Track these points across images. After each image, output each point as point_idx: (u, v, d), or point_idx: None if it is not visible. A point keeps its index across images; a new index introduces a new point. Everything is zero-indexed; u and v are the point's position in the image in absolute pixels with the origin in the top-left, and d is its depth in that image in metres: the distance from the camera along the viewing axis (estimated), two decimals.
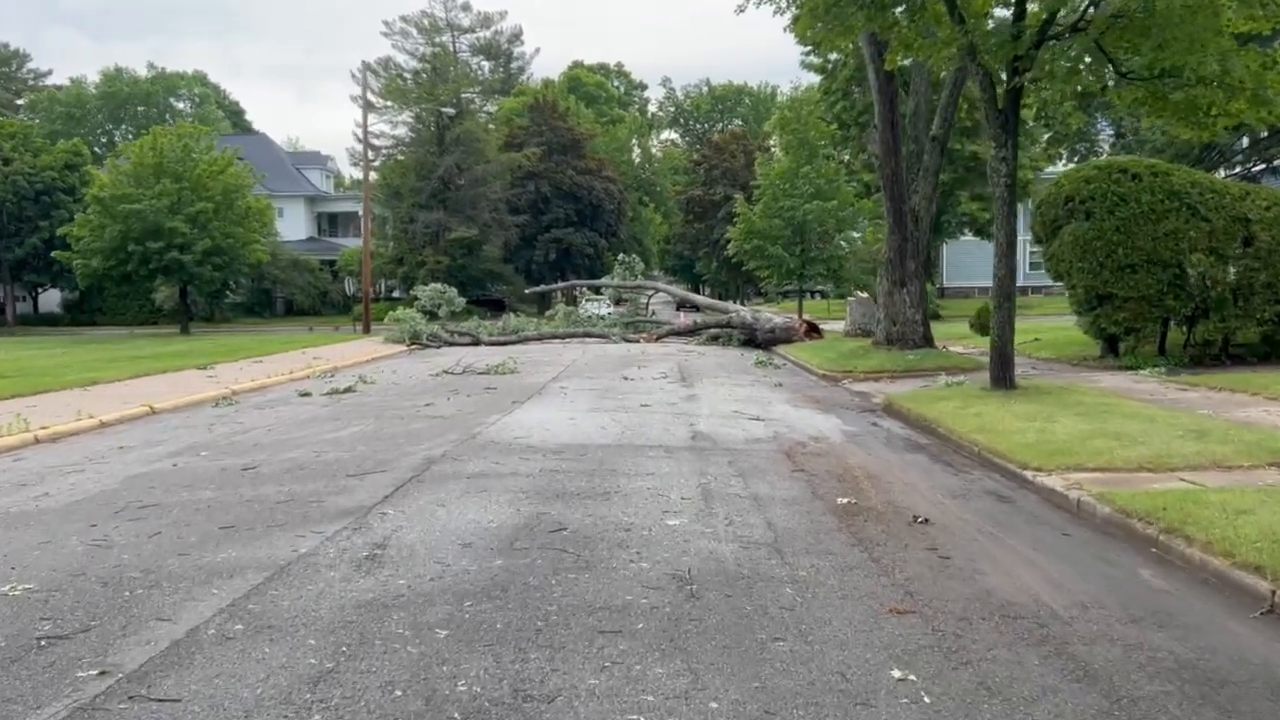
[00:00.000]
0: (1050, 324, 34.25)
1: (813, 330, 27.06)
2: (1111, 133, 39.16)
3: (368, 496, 7.93)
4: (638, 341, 31.15)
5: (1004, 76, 13.11)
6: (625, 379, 18.50)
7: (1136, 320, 17.42)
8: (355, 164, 61.47)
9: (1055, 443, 9.41)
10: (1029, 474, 8.48)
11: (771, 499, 7.80)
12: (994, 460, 9.36)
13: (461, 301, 35.81)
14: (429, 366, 22.58)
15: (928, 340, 20.84)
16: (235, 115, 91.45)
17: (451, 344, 31.89)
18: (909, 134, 20.96)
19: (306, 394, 17.11)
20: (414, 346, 31.00)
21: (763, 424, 12.36)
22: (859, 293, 26.78)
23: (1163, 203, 17.00)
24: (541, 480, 8.52)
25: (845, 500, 7.74)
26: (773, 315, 28.46)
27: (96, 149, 66.94)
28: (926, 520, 7.09)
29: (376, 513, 7.32)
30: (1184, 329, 18.13)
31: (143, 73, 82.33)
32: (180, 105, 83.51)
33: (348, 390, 17.53)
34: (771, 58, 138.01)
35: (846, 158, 35.11)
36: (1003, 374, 13.29)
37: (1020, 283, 60.18)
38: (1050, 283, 60.34)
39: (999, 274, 13.23)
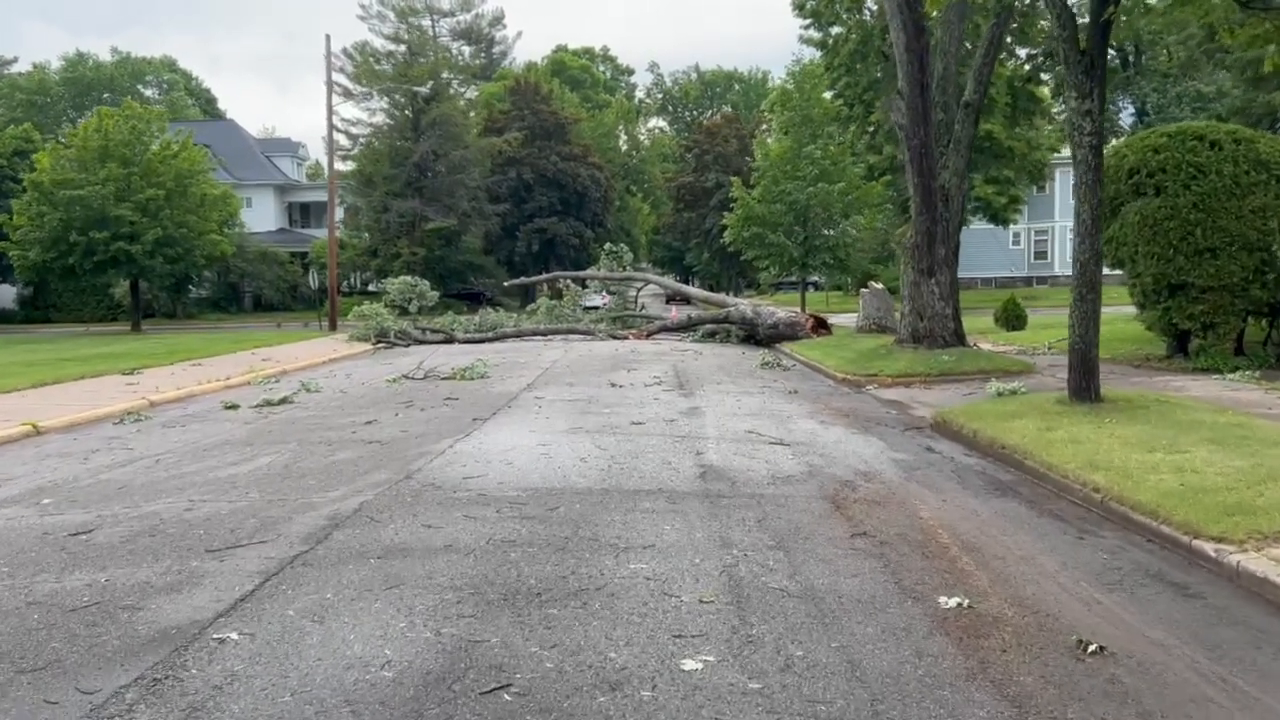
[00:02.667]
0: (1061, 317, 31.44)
1: (820, 326, 24.35)
2: (1133, 111, 36.60)
3: (213, 599, 5.14)
4: (626, 338, 28.40)
5: (1088, 9, 10.37)
6: (612, 385, 15.74)
7: (1216, 314, 14.76)
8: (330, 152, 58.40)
9: (1214, 489, 6.70)
10: (1208, 546, 5.76)
11: (838, 599, 5.06)
12: (1131, 516, 6.63)
13: (434, 295, 32.90)
14: (389, 370, 19.79)
15: (959, 338, 18.14)
16: (207, 103, 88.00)
17: (423, 341, 29.09)
18: (937, 101, 18.24)
19: (233, 407, 14.33)
20: (380, 345, 28.18)
21: (788, 450, 9.62)
22: (873, 283, 24.09)
23: (1248, 174, 14.36)
24: (487, 562, 5.74)
25: (953, 602, 5.00)
26: (775, 309, 25.74)
27: (60, 139, 63.65)
28: (1102, 649, 4.35)
29: (209, 639, 4.53)
30: (1265, 324, 15.54)
31: (107, 58, 78.84)
32: (148, 92, 80.00)
33: (282, 402, 14.74)
34: (763, 44, 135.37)
35: (849, 138, 32.36)
36: (1086, 383, 10.58)
37: (1023, 273, 57.19)
38: (1057, 272, 57.75)
39: (1081, 258, 10.51)
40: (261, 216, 58.14)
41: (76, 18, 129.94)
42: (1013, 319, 23.66)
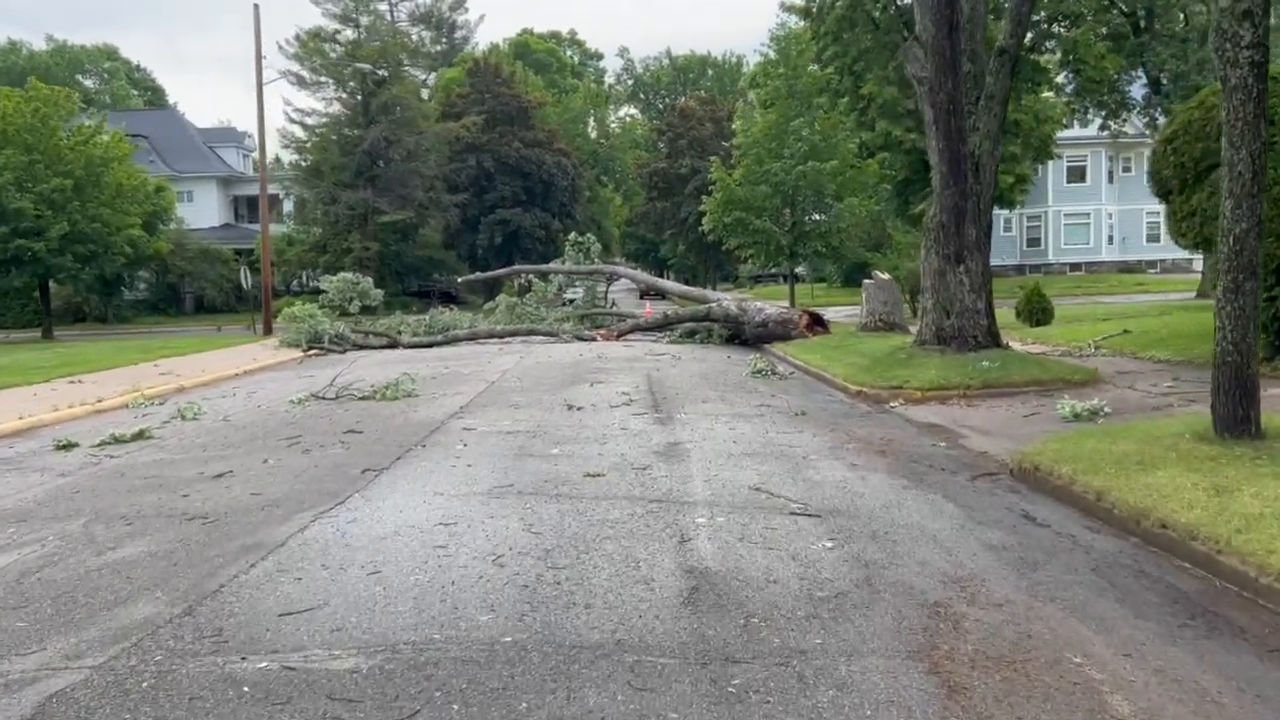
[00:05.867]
0: (1085, 306, 28.35)
1: (816, 323, 21.04)
2: (1145, 82, 33.48)
3: None
4: (594, 339, 24.99)
5: None
6: (569, 408, 12.32)
7: None
8: (286, 145, 54.32)
9: None
10: None
11: None
12: None
13: (379, 294, 29.26)
14: (304, 385, 16.26)
15: (994, 338, 14.87)
16: (153, 94, 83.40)
17: (363, 346, 25.58)
18: (964, 49, 14.96)
19: (67, 446, 10.84)
20: (313, 351, 24.60)
21: (821, 527, 6.27)
22: (878, 273, 20.82)
23: None
24: None
25: None
26: (764, 305, 22.40)
27: None
28: None
29: None
30: None
31: (41, 46, 74.18)
32: (87, 83, 75.42)
33: (136, 438, 11.24)
34: (738, 35, 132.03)
35: (840, 111, 29.02)
36: (1244, 412, 7.30)
37: (1015, 261, 53.85)
38: (1051, 260, 54.74)
39: (1236, 230, 7.20)
40: (204, 211, 54.08)
41: (41, 15, 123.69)
42: (1038, 312, 20.50)
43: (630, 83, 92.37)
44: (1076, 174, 53.28)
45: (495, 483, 7.84)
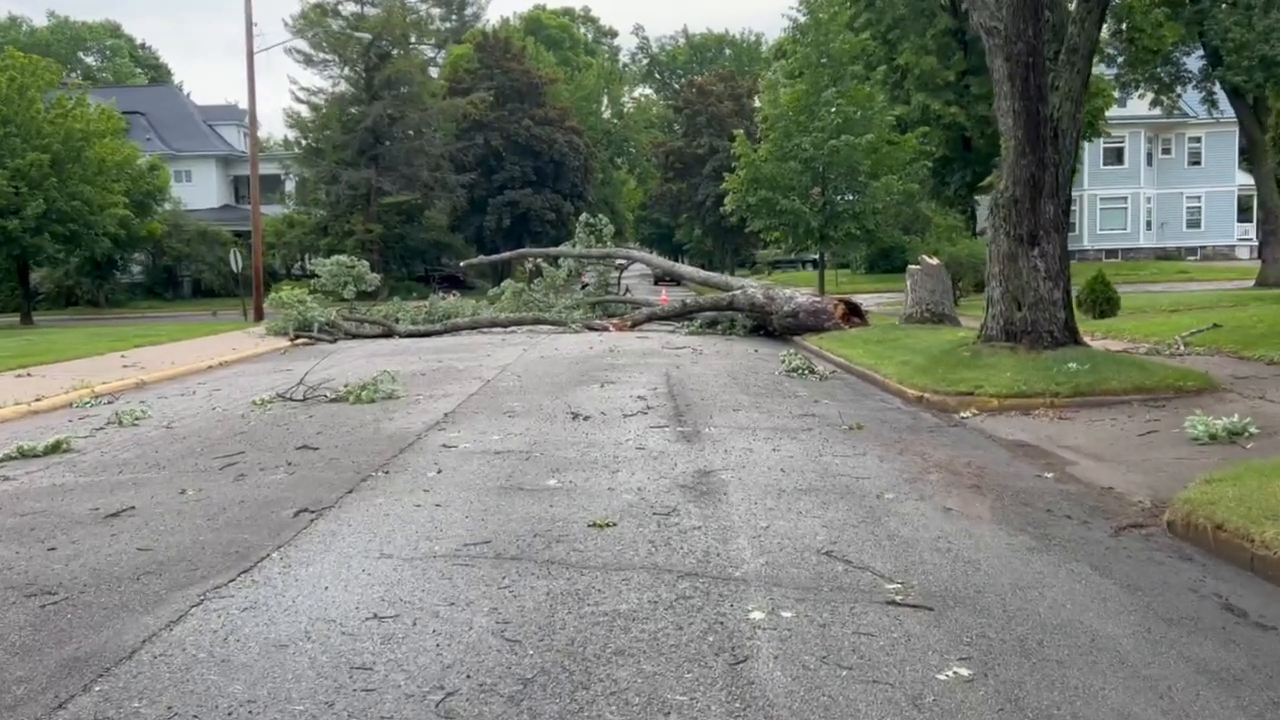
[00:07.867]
0: (1138, 296, 26.02)
1: (853, 313, 18.92)
2: (1202, 54, 31.03)
3: None
4: (606, 329, 22.93)
5: None
6: (574, 416, 10.26)
7: None
8: (291, 125, 52.29)
9: None
10: None
11: None
12: None
13: (375, 278, 27.17)
14: (277, 381, 14.29)
15: (1072, 334, 12.67)
16: (157, 71, 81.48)
17: (356, 335, 23.72)
18: None
19: None
20: (301, 340, 22.71)
21: (937, 628, 4.19)
22: (925, 258, 18.63)
23: None
24: None
25: None
26: (794, 293, 20.26)
27: None
28: None
29: None
30: None
31: (42, 22, 72.33)
32: (89, 60, 73.58)
33: (51, 450, 9.33)
34: (755, 11, 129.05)
35: (875, 82, 26.75)
36: None
37: (1087, 245, 49.87)
38: (1086, 246, 51.89)
39: None
40: (203, 192, 52.18)
41: (48, 3, 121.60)
42: (1102, 303, 18.28)
43: (645, 62, 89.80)
44: (1114, 155, 50.76)
45: (467, 536, 5.79)
